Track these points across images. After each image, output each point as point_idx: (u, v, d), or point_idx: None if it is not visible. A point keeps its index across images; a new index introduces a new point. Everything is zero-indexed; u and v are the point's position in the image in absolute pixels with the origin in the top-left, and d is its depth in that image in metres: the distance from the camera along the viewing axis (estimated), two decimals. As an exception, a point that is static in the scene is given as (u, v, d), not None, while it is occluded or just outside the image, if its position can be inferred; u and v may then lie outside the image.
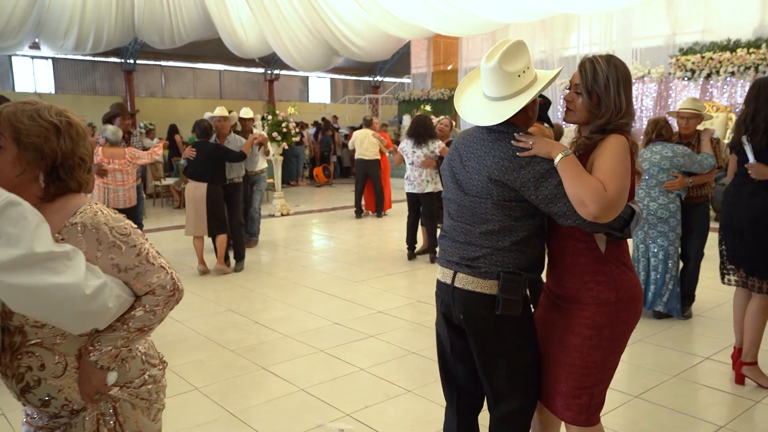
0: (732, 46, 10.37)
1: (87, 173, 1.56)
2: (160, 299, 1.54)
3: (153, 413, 1.66)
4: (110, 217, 1.52)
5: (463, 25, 12.56)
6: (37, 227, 1.30)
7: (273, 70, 21.80)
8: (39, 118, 1.47)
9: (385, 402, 3.43)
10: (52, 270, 1.30)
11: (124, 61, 18.84)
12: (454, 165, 2.12)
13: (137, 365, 1.63)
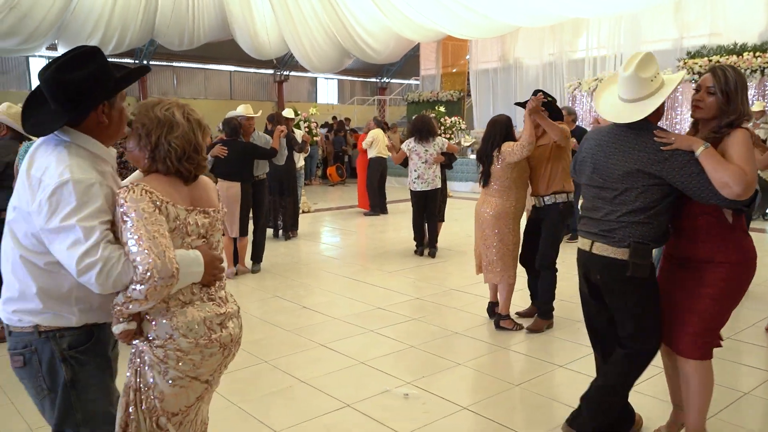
0: (738, 50, 10.72)
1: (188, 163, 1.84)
2: (137, 278, 1.65)
3: (169, 376, 1.80)
4: (130, 197, 1.72)
5: (476, 27, 12.91)
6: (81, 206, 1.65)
7: (283, 71, 22.16)
8: (150, 112, 1.83)
9: (440, 372, 3.76)
10: (62, 240, 1.64)
11: (138, 62, 19.16)
12: (597, 157, 2.64)
13: (164, 329, 1.78)
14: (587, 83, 13.02)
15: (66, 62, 1.74)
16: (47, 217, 1.65)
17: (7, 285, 1.80)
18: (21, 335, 1.80)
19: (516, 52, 16.00)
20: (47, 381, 1.81)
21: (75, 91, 1.73)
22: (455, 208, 9.37)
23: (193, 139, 1.86)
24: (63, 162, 1.70)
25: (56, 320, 1.78)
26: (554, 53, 15.03)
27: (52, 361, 1.79)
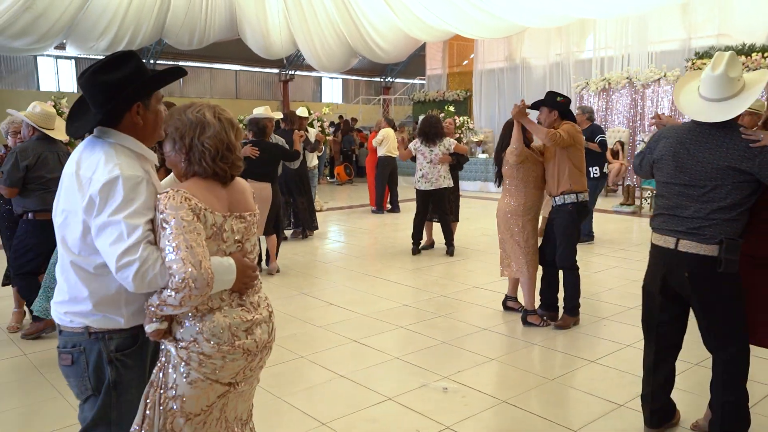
0: (747, 50, 10.83)
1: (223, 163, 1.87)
2: (172, 285, 1.69)
3: (191, 378, 1.82)
4: (169, 204, 1.74)
5: (485, 27, 13.00)
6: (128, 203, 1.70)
7: (288, 70, 22.24)
8: (183, 115, 1.88)
9: (475, 368, 3.86)
10: (107, 236, 1.69)
11: (145, 61, 19.21)
12: (679, 155, 2.70)
13: (190, 332, 1.82)
14: (594, 83, 13.13)
15: (103, 65, 1.80)
16: (97, 213, 1.70)
17: (59, 287, 1.87)
18: (71, 335, 1.85)
19: (523, 52, 16.10)
20: (92, 381, 1.86)
21: (110, 93, 1.78)
22: (466, 207, 9.46)
23: (225, 139, 1.88)
24: (112, 160, 1.75)
25: (106, 322, 1.83)
26: (561, 53, 15.12)
27: (99, 361, 1.84)
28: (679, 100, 2.76)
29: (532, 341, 4.31)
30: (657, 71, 12.12)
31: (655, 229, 2.84)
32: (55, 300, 1.88)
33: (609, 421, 3.12)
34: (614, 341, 4.27)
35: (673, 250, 2.72)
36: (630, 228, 8.94)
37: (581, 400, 3.37)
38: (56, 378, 3.74)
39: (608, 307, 5.07)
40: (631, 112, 12.62)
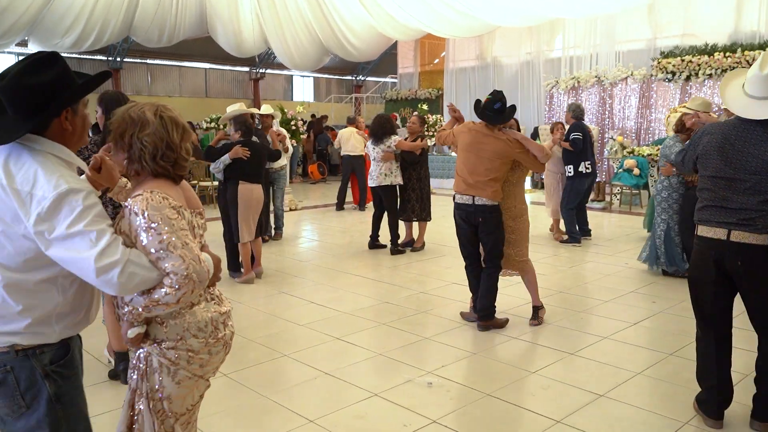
0: (710, 50, 11.16)
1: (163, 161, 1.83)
2: (172, 282, 1.71)
3: (178, 377, 1.84)
4: (151, 205, 1.74)
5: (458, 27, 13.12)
6: (83, 212, 1.63)
7: (259, 69, 22.04)
8: (125, 113, 1.84)
9: (458, 362, 3.91)
10: (74, 246, 1.61)
11: (111, 59, 18.83)
12: (725, 151, 2.87)
13: (175, 330, 1.83)
14: (564, 82, 13.35)
15: (27, 67, 1.68)
16: (52, 229, 1.61)
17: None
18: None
19: (494, 51, 16.26)
20: (26, 399, 1.74)
21: (38, 97, 1.68)
22: (442, 205, 9.53)
23: (165, 137, 1.83)
24: (52, 172, 1.65)
25: (35, 338, 1.73)
26: (531, 52, 15.31)
27: (32, 378, 1.73)
28: (725, 97, 2.93)
29: (512, 335, 4.38)
30: (624, 70, 12.39)
31: (703, 222, 2.97)
32: None
33: (590, 411, 3.20)
34: (592, 334, 4.37)
35: (725, 240, 2.87)
36: (601, 223, 9.14)
37: (563, 392, 3.45)
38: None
39: (585, 301, 5.19)
40: (600, 110, 12.88)
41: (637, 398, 3.35)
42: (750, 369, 3.66)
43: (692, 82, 11.38)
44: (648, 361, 3.86)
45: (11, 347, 1.70)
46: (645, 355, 3.98)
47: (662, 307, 4.95)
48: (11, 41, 12.42)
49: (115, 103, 3.17)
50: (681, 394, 3.39)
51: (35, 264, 1.67)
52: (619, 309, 4.96)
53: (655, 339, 4.26)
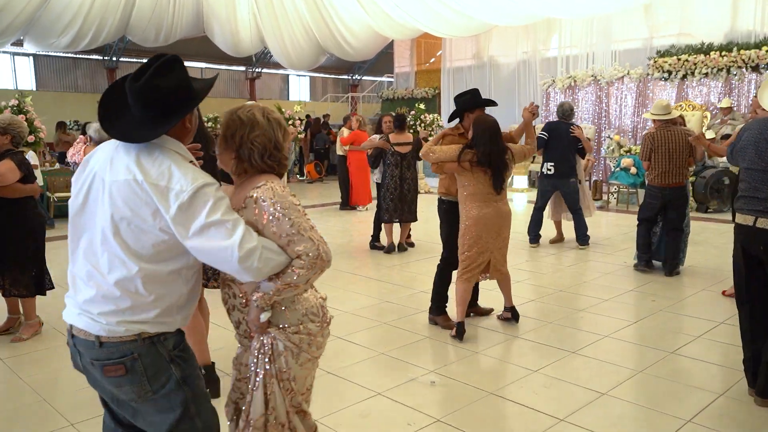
0: (706, 49, 11.22)
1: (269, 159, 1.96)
2: (304, 263, 1.85)
3: (301, 359, 1.99)
4: (276, 193, 1.88)
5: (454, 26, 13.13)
6: (217, 202, 1.73)
7: (255, 68, 22.01)
8: (233, 115, 1.96)
9: (461, 361, 3.93)
10: (216, 234, 1.71)
11: (107, 59, 18.78)
12: (759, 144, 3.16)
13: (296, 315, 1.97)
14: (561, 81, 13.40)
15: (158, 71, 1.76)
16: (192, 220, 1.70)
17: (107, 298, 1.76)
18: (117, 345, 1.77)
19: (490, 50, 16.30)
20: (152, 383, 1.80)
21: (169, 98, 1.78)
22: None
23: (273, 137, 1.97)
24: (184, 167, 1.76)
25: (161, 327, 1.82)
26: (528, 51, 15.36)
27: (158, 364, 1.81)
28: (763, 98, 3.36)
29: (513, 334, 4.40)
30: (621, 69, 12.44)
31: (738, 210, 3.27)
32: (98, 311, 1.76)
33: (593, 409, 3.22)
34: (592, 332, 4.39)
35: (752, 227, 3.16)
36: (598, 222, 9.16)
37: (565, 390, 3.46)
38: (36, 382, 3.67)
39: (584, 300, 5.21)
40: (596, 109, 12.93)
41: (639, 396, 3.37)
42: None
43: (688, 81, 11.44)
44: (649, 359, 3.88)
45: (138, 335, 1.78)
46: (646, 353, 4.00)
47: (662, 305, 4.98)
48: (7, 41, 12.37)
49: None
50: (682, 392, 3.42)
51: (167, 255, 1.77)
52: (618, 307, 4.98)
53: (656, 337, 4.28)
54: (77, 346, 1.83)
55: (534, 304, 5.10)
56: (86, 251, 1.80)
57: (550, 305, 5.06)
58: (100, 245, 1.77)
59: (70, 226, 1.87)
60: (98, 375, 1.82)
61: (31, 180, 4.29)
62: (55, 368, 3.92)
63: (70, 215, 1.87)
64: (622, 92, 12.51)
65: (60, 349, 4.23)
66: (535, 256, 6.97)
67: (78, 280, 1.82)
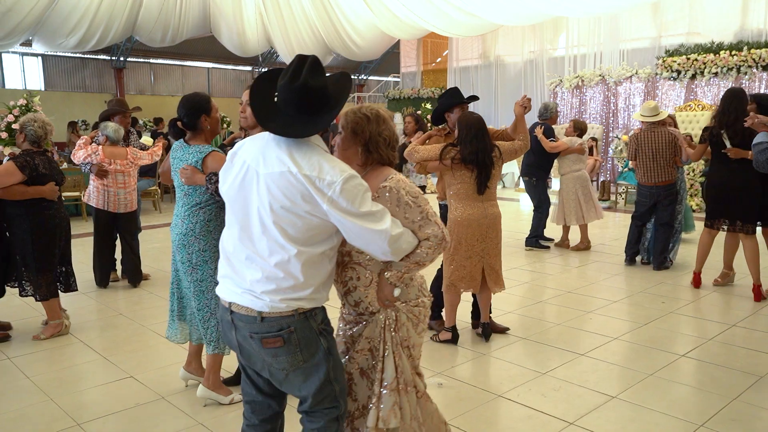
0: (715, 49, 11.12)
1: (391, 150, 2.17)
2: (431, 244, 2.09)
3: (419, 329, 2.25)
4: (407, 184, 2.12)
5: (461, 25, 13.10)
6: (365, 192, 1.93)
7: (262, 68, 22.03)
8: (358, 113, 2.14)
9: (468, 363, 3.90)
10: (372, 220, 1.93)
11: (114, 59, 18.84)
12: None
13: (414, 291, 2.22)
14: (568, 80, 13.33)
15: (311, 72, 1.90)
16: (345, 207, 1.88)
17: (270, 278, 1.94)
18: (278, 319, 1.96)
19: (497, 49, 16.25)
20: (304, 354, 2.00)
21: (321, 98, 1.93)
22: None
23: (393, 131, 2.20)
24: (332, 161, 1.93)
25: (313, 303, 2.01)
26: (535, 51, 15.31)
27: (310, 336, 2.00)
28: None
29: (521, 336, 4.36)
30: (629, 69, 12.37)
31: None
32: (262, 290, 1.94)
33: (603, 413, 3.18)
34: (601, 334, 4.35)
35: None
36: (606, 223, 9.11)
37: (575, 393, 3.43)
38: (43, 381, 3.67)
39: (593, 301, 5.17)
40: (604, 109, 12.85)
41: (650, 400, 3.33)
42: None
43: (698, 81, 11.35)
44: (660, 362, 3.83)
45: (295, 311, 1.97)
46: (656, 356, 3.95)
47: (672, 307, 4.93)
48: (16, 41, 12.43)
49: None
50: (694, 396, 3.38)
51: (318, 239, 1.95)
52: (628, 309, 4.94)
53: (667, 340, 4.24)
54: (235, 321, 2.02)
55: (541, 306, 5.06)
56: (241, 237, 1.99)
57: (557, 307, 5.02)
58: (259, 232, 1.94)
59: (227, 214, 2.07)
60: (256, 347, 2.01)
61: (43, 181, 4.23)
62: (62, 368, 3.92)
63: (227, 205, 2.07)
64: (630, 92, 12.43)
65: (67, 349, 4.23)
66: (541, 257, 6.92)
67: (236, 262, 2.00)
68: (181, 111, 3.23)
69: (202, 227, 3.19)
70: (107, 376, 3.75)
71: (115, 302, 5.36)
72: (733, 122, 4.88)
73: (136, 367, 3.88)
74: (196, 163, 3.15)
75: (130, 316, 4.92)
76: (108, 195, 5.47)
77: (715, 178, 5.21)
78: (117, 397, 3.46)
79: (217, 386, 3.34)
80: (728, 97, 4.98)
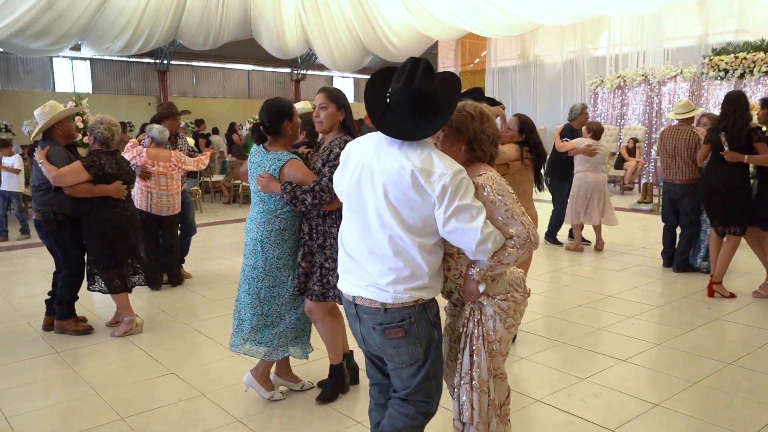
0: (765, 46, 10.72)
1: (493, 147, 2.22)
2: (515, 244, 2.08)
3: (507, 324, 2.21)
4: (495, 182, 2.12)
5: (500, 25, 12.97)
6: (468, 188, 2.02)
7: (300, 70, 22.27)
8: (462, 111, 2.18)
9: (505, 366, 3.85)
10: (467, 218, 1.99)
11: (158, 62, 19.32)
12: None
13: (503, 286, 2.21)
14: (609, 80, 13.05)
15: (424, 77, 1.99)
16: (450, 201, 1.97)
17: (392, 269, 2.05)
18: (400, 310, 2.07)
19: (536, 49, 16.04)
20: (422, 346, 2.11)
21: (432, 101, 2.01)
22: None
23: (496, 128, 2.24)
24: (442, 156, 2.03)
25: (430, 293, 2.11)
26: (575, 50, 15.04)
27: (427, 327, 2.11)
28: None
29: (560, 340, 4.29)
30: (673, 68, 12.03)
31: None
32: (386, 282, 2.05)
33: (645, 421, 3.10)
34: (644, 340, 4.25)
35: None
36: (649, 226, 8.89)
37: (616, 400, 3.35)
38: (90, 375, 3.79)
39: (635, 306, 5.04)
40: (647, 109, 12.54)
41: (695, 409, 3.23)
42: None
43: (746, 80, 10.97)
44: (705, 370, 3.72)
45: (416, 301, 2.07)
46: (702, 363, 3.83)
47: (718, 313, 4.78)
48: (65, 46, 12.85)
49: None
50: (740, 405, 3.27)
51: (432, 229, 2.04)
52: (671, 315, 4.81)
53: (712, 347, 4.11)
54: (360, 313, 2.14)
55: (581, 310, 4.97)
56: (362, 233, 2.10)
57: (598, 311, 4.92)
58: (377, 226, 2.06)
59: (344, 212, 2.20)
60: (380, 338, 2.12)
61: (109, 180, 4.34)
62: (107, 362, 4.04)
63: (344, 203, 2.20)
64: (674, 92, 12.10)
65: (113, 343, 4.36)
66: (578, 260, 6.80)
67: (359, 257, 2.11)
68: (264, 116, 3.19)
69: (277, 236, 3.17)
70: (149, 372, 3.85)
71: (158, 299, 5.49)
72: (731, 126, 4.94)
73: (177, 363, 3.97)
74: (274, 171, 3.10)
75: (171, 314, 5.04)
76: (151, 197, 5.52)
77: (706, 179, 5.30)
78: (159, 392, 3.55)
79: (264, 379, 3.40)
80: (727, 100, 5.04)
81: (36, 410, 3.34)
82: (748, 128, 4.93)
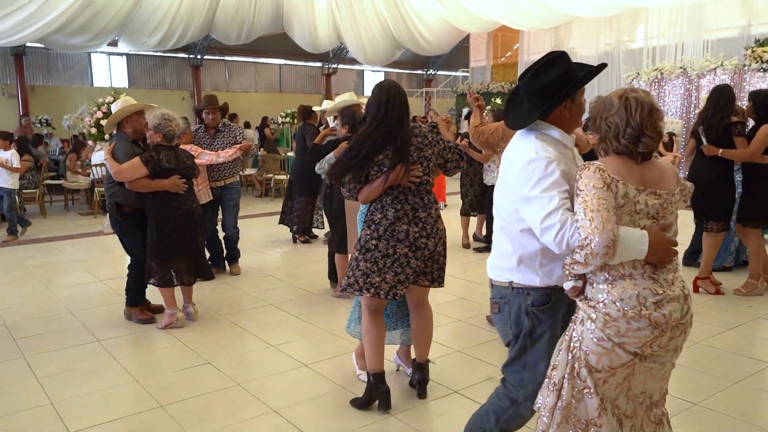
0: (812, 37, 10.36)
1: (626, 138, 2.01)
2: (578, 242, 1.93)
3: (594, 335, 1.98)
4: (585, 174, 1.98)
5: (533, 18, 12.80)
6: (542, 178, 2.03)
7: (331, 64, 22.36)
8: (599, 100, 2.14)
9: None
10: (532, 207, 2.03)
11: (192, 57, 19.62)
12: None
13: (598, 293, 1.99)
14: (646, 73, 12.76)
15: (540, 68, 2.16)
16: (521, 188, 2.07)
17: (494, 249, 2.30)
18: (499, 288, 2.27)
19: (570, 42, 15.77)
20: (512, 328, 2.25)
21: (545, 92, 2.14)
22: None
23: (626, 117, 2.00)
24: (530, 145, 2.12)
25: (525, 279, 2.18)
26: (611, 43, 14.74)
27: (518, 312, 2.21)
28: None
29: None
30: (713, 60, 11.69)
31: None
32: (490, 259, 2.31)
33: (685, 420, 3.04)
34: (681, 338, 4.16)
35: None
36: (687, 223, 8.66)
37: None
38: (130, 363, 3.89)
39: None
40: (685, 103, 12.23)
41: (734, 409, 3.16)
42: None
43: (791, 72, 10.61)
44: (746, 370, 3.63)
45: (509, 283, 2.21)
46: (743, 363, 3.75)
47: (761, 312, 4.65)
48: (103, 41, 13.18)
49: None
50: None
51: (519, 216, 2.13)
52: (711, 313, 4.70)
53: (754, 346, 4.01)
54: None
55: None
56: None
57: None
58: (495, 210, 2.30)
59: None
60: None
61: (167, 175, 4.38)
62: (146, 351, 4.14)
63: None
64: (714, 85, 11.76)
65: (150, 334, 4.46)
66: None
67: None
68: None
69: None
70: (186, 362, 3.93)
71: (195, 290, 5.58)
72: (708, 118, 4.91)
73: (213, 354, 4.05)
74: None
75: (206, 305, 5.12)
76: None
77: (690, 173, 5.27)
78: (196, 382, 3.63)
79: (359, 356, 3.61)
80: (712, 93, 5.00)
81: (79, 396, 3.45)
82: (726, 122, 4.80)
